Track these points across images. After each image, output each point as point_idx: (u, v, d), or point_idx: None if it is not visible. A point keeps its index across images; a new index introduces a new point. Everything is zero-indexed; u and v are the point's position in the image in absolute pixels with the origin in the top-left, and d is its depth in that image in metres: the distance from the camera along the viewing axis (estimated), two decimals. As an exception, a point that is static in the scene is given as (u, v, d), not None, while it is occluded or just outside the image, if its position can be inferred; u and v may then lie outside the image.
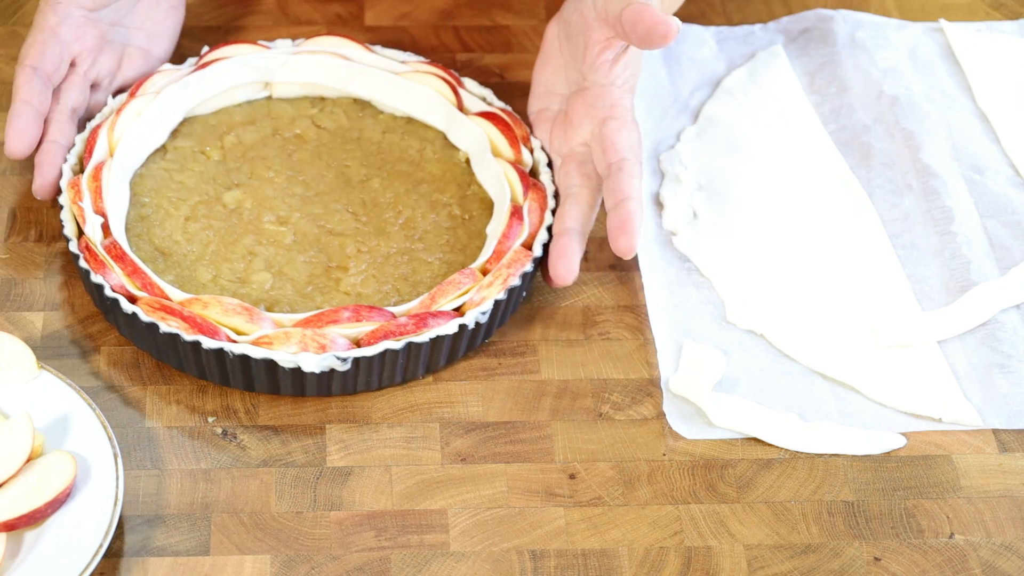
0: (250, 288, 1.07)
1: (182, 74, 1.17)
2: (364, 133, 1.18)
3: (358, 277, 1.08)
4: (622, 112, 1.12)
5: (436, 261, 1.10)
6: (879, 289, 1.14)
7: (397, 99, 1.19)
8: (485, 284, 1.06)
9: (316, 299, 1.07)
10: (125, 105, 1.14)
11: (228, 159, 1.15)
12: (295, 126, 1.18)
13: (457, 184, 1.16)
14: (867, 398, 1.08)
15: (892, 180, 1.22)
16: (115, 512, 0.95)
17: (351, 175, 1.15)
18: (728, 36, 1.33)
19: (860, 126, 1.25)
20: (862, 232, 1.18)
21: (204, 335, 1.01)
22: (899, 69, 1.30)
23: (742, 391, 1.08)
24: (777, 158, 1.23)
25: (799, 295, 1.13)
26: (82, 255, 1.06)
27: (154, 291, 1.04)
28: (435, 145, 1.18)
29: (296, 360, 1.01)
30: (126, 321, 1.05)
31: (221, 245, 1.10)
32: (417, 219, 1.13)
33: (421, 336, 1.03)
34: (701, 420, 1.06)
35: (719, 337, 1.11)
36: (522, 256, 1.08)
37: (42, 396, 1.01)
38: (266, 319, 1.03)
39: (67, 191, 1.09)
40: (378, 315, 1.03)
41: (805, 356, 1.10)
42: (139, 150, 1.13)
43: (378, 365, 1.03)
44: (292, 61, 1.19)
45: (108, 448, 0.98)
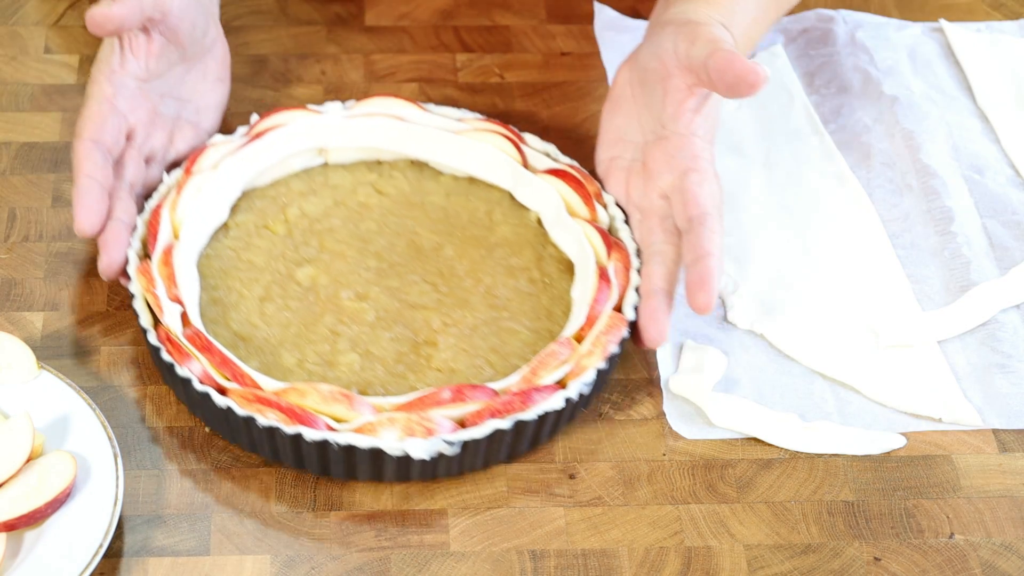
0: (339, 371, 1.03)
1: (236, 146, 1.13)
2: (428, 197, 1.15)
3: (448, 352, 1.04)
4: (703, 164, 1.09)
5: (524, 330, 1.06)
6: (879, 289, 1.14)
7: (460, 159, 1.15)
8: (585, 353, 1.02)
9: (409, 378, 1.03)
10: (185, 182, 1.09)
11: (294, 233, 1.11)
12: (357, 194, 1.14)
13: (532, 246, 1.12)
14: (867, 398, 1.08)
15: (892, 180, 1.22)
16: (115, 512, 0.95)
17: (422, 243, 1.11)
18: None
19: (860, 126, 1.26)
20: (862, 232, 1.18)
21: (304, 426, 0.97)
22: (899, 69, 1.30)
23: (742, 391, 1.08)
24: (777, 158, 1.23)
25: (799, 295, 1.13)
26: (163, 347, 1.01)
27: (245, 382, 0.99)
28: (503, 206, 1.15)
29: (403, 447, 0.97)
30: (216, 415, 1.00)
31: (301, 326, 1.06)
32: (497, 286, 1.09)
33: (528, 413, 0.99)
34: (701, 420, 1.06)
35: (719, 337, 1.11)
36: (617, 321, 1.04)
37: (42, 396, 1.01)
38: (366, 405, 0.98)
39: (137, 278, 1.04)
40: (481, 394, 0.99)
41: (805, 356, 1.10)
42: (203, 229, 1.09)
43: (485, 445, 0.99)
44: (349, 126, 1.15)
45: (108, 448, 0.98)
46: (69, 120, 1.23)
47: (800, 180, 1.22)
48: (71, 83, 1.27)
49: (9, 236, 1.15)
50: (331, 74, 1.29)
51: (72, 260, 1.13)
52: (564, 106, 1.28)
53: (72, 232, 1.15)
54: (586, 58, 1.32)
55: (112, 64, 1.11)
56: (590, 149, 1.24)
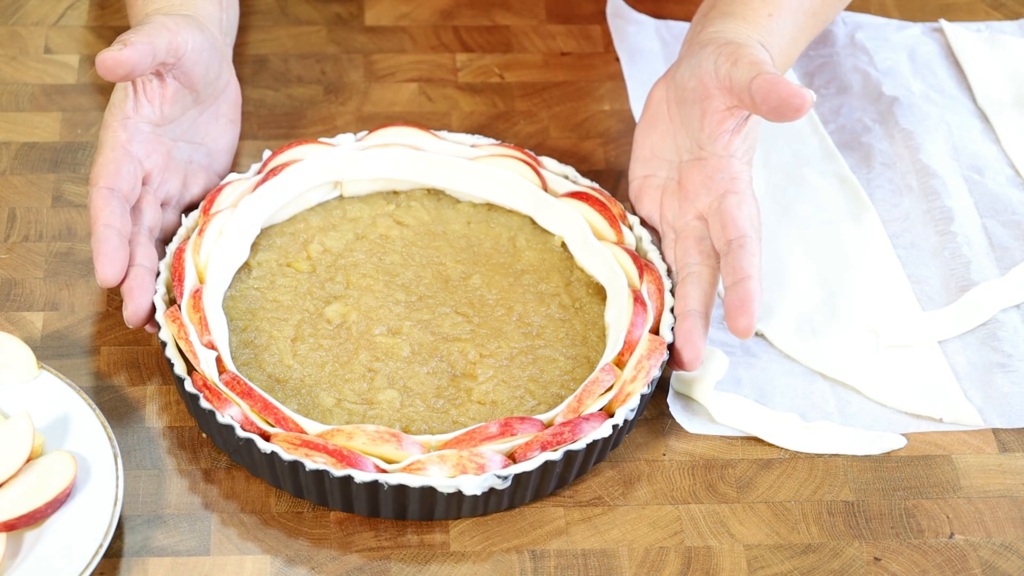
0: (380, 409, 1.02)
1: (252, 183, 1.11)
2: (449, 226, 1.13)
3: (488, 384, 1.03)
4: (742, 186, 1.08)
5: (561, 357, 1.05)
6: (879, 289, 1.14)
7: (479, 186, 1.14)
8: (628, 379, 1.01)
9: (451, 413, 1.02)
10: (206, 224, 1.07)
11: (318, 269, 1.09)
12: (377, 227, 1.13)
13: (559, 271, 1.11)
14: (868, 398, 1.08)
15: (892, 180, 1.22)
16: (115, 512, 0.95)
17: (449, 273, 1.10)
18: None
19: (860, 126, 1.26)
20: (862, 232, 1.18)
21: (353, 468, 0.96)
22: (899, 70, 1.30)
23: (744, 391, 1.08)
24: (776, 159, 1.23)
25: (799, 295, 1.13)
26: (202, 395, 0.99)
27: (289, 426, 0.98)
28: (525, 232, 1.13)
29: (456, 484, 0.96)
30: (262, 460, 0.98)
31: (336, 365, 1.04)
32: (529, 314, 1.08)
33: (578, 444, 0.98)
34: (704, 416, 1.06)
35: (719, 337, 1.11)
36: (658, 345, 1.02)
37: (42, 396, 1.01)
38: (414, 443, 0.97)
39: (168, 325, 1.02)
40: (529, 426, 0.98)
41: (806, 356, 1.10)
42: (227, 270, 1.07)
43: (537, 478, 0.98)
44: (364, 157, 1.13)
45: (108, 448, 0.98)
46: (69, 120, 1.23)
47: (800, 180, 1.22)
48: (71, 83, 1.27)
49: (9, 236, 1.15)
50: (331, 74, 1.29)
51: (72, 260, 1.13)
52: (564, 106, 1.28)
53: (72, 232, 1.15)
54: (586, 58, 1.32)
55: (126, 109, 1.10)
56: (591, 148, 1.24)
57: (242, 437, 0.97)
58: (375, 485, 0.96)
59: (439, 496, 0.97)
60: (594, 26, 1.35)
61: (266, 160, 1.14)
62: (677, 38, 1.32)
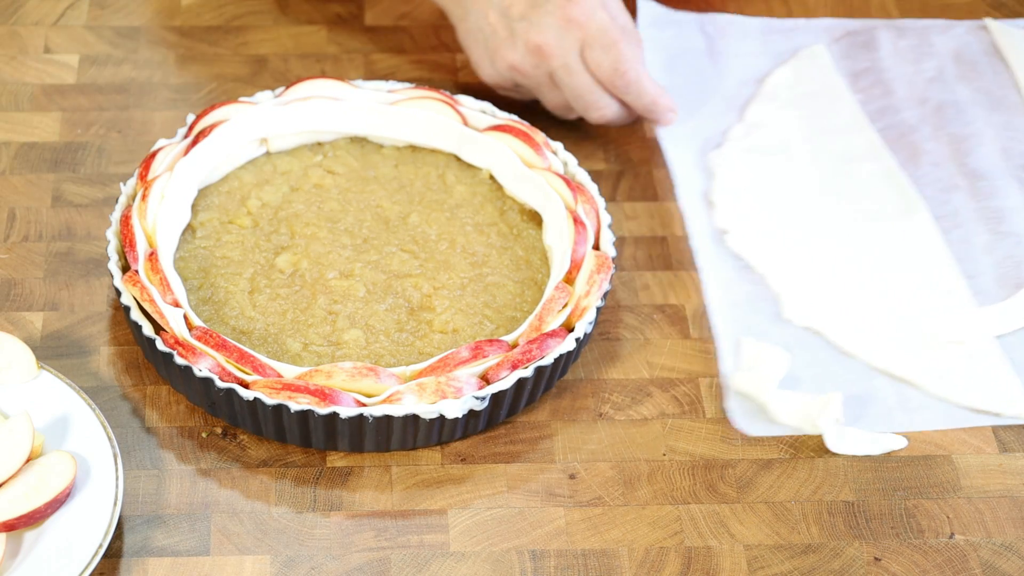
0: (346, 348, 1.04)
1: (182, 147, 1.12)
2: (378, 170, 1.16)
3: (447, 314, 1.07)
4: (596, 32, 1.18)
5: (509, 282, 1.09)
6: (934, 285, 1.14)
7: (403, 129, 1.17)
8: (582, 294, 1.05)
9: (416, 344, 1.05)
10: (148, 189, 1.09)
11: (261, 223, 1.12)
12: (309, 177, 1.15)
13: (491, 202, 1.15)
14: (928, 394, 1.08)
15: (940, 179, 1.22)
16: (115, 512, 0.95)
17: (387, 215, 1.13)
18: (772, 29, 1.33)
19: (906, 126, 1.26)
20: (913, 228, 1.18)
21: (337, 405, 0.99)
22: (944, 75, 1.30)
23: (803, 388, 1.08)
24: (825, 157, 1.23)
25: (854, 291, 1.14)
26: (176, 352, 1.01)
27: (267, 372, 1.00)
28: (452, 168, 1.17)
29: (438, 409, 0.99)
30: (243, 408, 1.00)
31: (297, 312, 1.06)
32: (471, 244, 1.12)
33: (546, 359, 1.02)
34: (764, 417, 1.06)
35: (776, 334, 1.11)
36: (604, 259, 1.07)
37: (42, 396, 1.01)
38: (391, 375, 1.00)
39: (129, 290, 1.04)
40: (498, 347, 1.02)
41: (864, 352, 1.10)
42: (173, 233, 1.09)
43: (511, 396, 1.02)
44: (288, 112, 1.16)
45: (108, 448, 0.98)
46: (69, 120, 1.23)
47: (849, 177, 1.22)
48: (71, 83, 1.27)
49: (9, 236, 1.15)
50: (331, 74, 1.29)
51: (72, 260, 1.13)
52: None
53: (72, 232, 1.15)
54: (586, 58, 1.32)
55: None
56: (592, 147, 1.24)
57: (222, 387, 1.00)
58: (360, 419, 0.99)
59: (421, 423, 1.00)
60: (594, 26, 1.35)
61: (191, 124, 1.16)
62: (723, 32, 1.33)
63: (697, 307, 1.14)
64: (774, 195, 1.20)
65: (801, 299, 1.13)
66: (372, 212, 1.14)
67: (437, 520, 1.00)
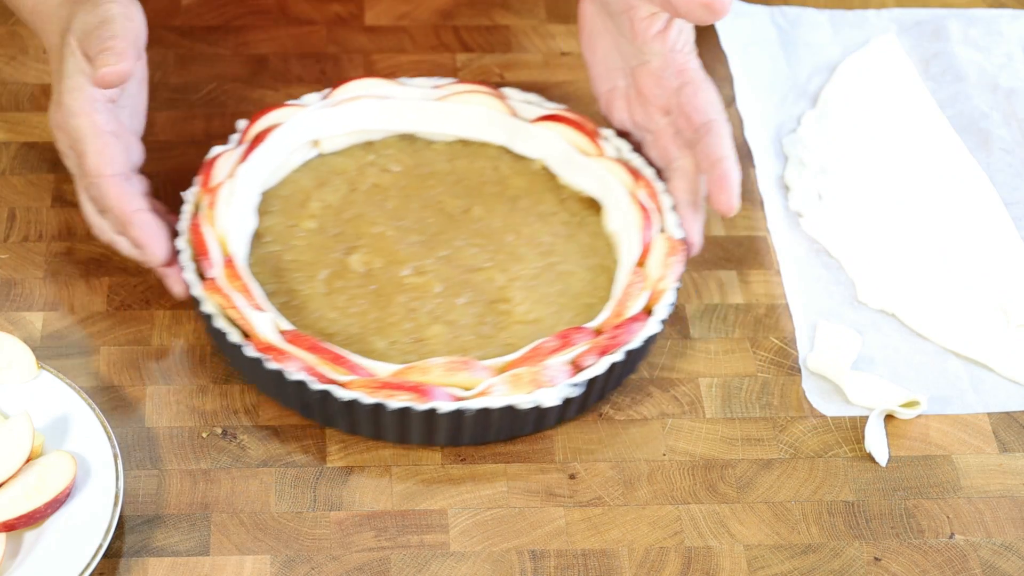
0: (431, 344, 1.05)
1: (239, 153, 1.12)
2: (433, 166, 1.17)
3: (525, 305, 1.08)
4: (692, 75, 1.12)
5: (579, 269, 1.11)
6: (1006, 269, 1.15)
7: (453, 124, 1.17)
8: (658, 278, 1.07)
9: (499, 336, 1.06)
10: (215, 196, 1.09)
11: (326, 226, 1.12)
12: (366, 176, 1.15)
13: (549, 191, 1.15)
14: (1001, 376, 1.10)
15: (1012, 165, 1.23)
16: (115, 512, 0.95)
17: (450, 209, 1.14)
18: (842, 21, 1.34)
19: (977, 112, 1.27)
20: (985, 213, 1.19)
21: (435, 400, 1.00)
22: (1014, 62, 1.31)
23: (878, 370, 1.09)
24: (897, 141, 1.25)
25: (928, 275, 1.15)
26: (267, 356, 1.01)
27: (360, 372, 1.01)
28: (505, 160, 1.17)
29: (534, 399, 1.00)
30: (339, 409, 1.01)
31: (378, 311, 1.07)
32: (537, 234, 1.12)
33: (634, 342, 1.03)
34: (839, 398, 1.08)
35: (851, 317, 1.13)
36: (674, 244, 1.08)
37: (42, 396, 1.01)
38: (484, 368, 1.01)
39: (210, 299, 1.04)
40: (585, 335, 1.03)
41: (938, 335, 1.12)
42: (243, 239, 1.09)
43: (602, 382, 1.04)
44: (340, 112, 1.16)
45: (108, 448, 0.98)
46: (69, 120, 1.23)
47: (920, 162, 1.23)
48: (71, 83, 1.26)
49: (9, 236, 1.15)
50: (331, 74, 1.29)
51: (72, 260, 1.13)
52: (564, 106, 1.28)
53: (72, 232, 1.15)
54: (586, 58, 1.32)
55: (87, 92, 1.07)
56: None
57: (318, 389, 1.00)
58: (458, 414, 1.00)
59: (519, 414, 1.01)
60: (594, 26, 1.35)
61: (244, 129, 1.15)
62: (794, 23, 1.34)
63: (697, 307, 1.14)
64: (847, 179, 1.21)
65: (875, 282, 1.14)
66: (434, 208, 1.14)
67: (437, 520, 1.00)
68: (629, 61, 1.16)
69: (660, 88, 1.13)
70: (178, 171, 1.20)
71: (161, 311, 1.11)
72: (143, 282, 1.12)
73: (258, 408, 1.06)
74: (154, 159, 1.20)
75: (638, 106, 1.16)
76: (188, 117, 1.24)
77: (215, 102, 1.25)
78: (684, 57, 1.13)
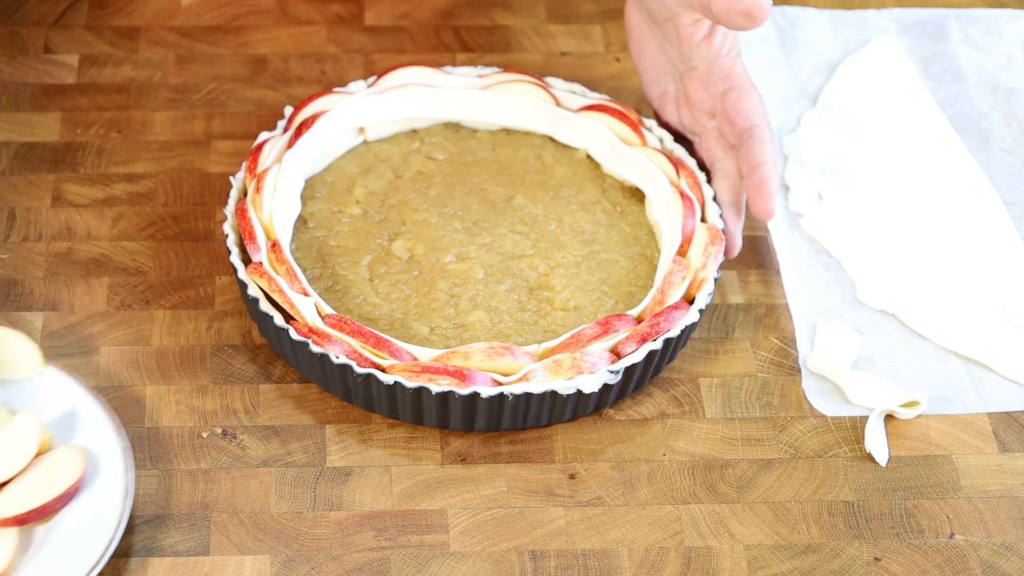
0: (473, 331, 1.06)
1: (285, 139, 1.14)
2: (477, 154, 1.18)
3: (566, 292, 1.09)
4: (738, 80, 1.14)
5: (621, 258, 1.12)
6: (1006, 269, 1.15)
7: (497, 113, 1.19)
8: (699, 266, 1.08)
9: (541, 323, 1.07)
10: (261, 181, 1.10)
11: (370, 212, 1.13)
12: (410, 164, 1.17)
13: (591, 180, 1.17)
14: (1001, 376, 1.10)
15: (1012, 165, 1.24)
16: (126, 505, 0.95)
17: (493, 197, 1.15)
18: (842, 21, 1.35)
19: (977, 112, 1.27)
20: (985, 213, 1.19)
21: (477, 385, 1.01)
22: (1014, 62, 1.32)
23: (877, 370, 1.09)
24: (897, 141, 1.25)
25: (928, 275, 1.15)
26: (311, 340, 1.02)
27: (403, 356, 1.02)
28: (548, 149, 1.19)
29: (575, 384, 1.01)
30: (382, 393, 1.02)
31: (420, 296, 1.08)
32: (579, 223, 1.13)
33: (673, 331, 1.04)
34: (839, 397, 1.08)
35: (851, 317, 1.13)
36: (715, 233, 1.09)
37: (48, 391, 1.01)
38: (525, 354, 1.02)
39: (255, 282, 1.04)
40: (625, 322, 1.04)
41: (938, 335, 1.12)
42: (288, 223, 1.10)
43: (641, 369, 1.04)
44: (386, 100, 1.17)
45: (116, 442, 0.98)
46: (69, 120, 1.23)
47: (920, 162, 1.23)
48: (71, 83, 1.27)
49: (9, 236, 1.15)
50: (331, 74, 1.29)
51: (72, 260, 1.13)
52: (564, 106, 1.28)
53: (72, 232, 1.15)
54: (586, 58, 1.32)
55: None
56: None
57: (360, 373, 1.01)
58: (500, 398, 1.01)
59: (559, 399, 1.02)
60: (594, 26, 1.35)
61: (291, 116, 1.16)
62: (794, 23, 1.34)
63: (697, 307, 1.14)
64: (847, 179, 1.22)
65: (875, 282, 1.15)
66: (477, 195, 1.15)
67: (437, 520, 1.00)
68: (677, 66, 1.17)
69: (706, 92, 1.15)
70: (178, 171, 1.20)
71: (161, 311, 1.11)
72: (143, 282, 1.12)
73: (258, 408, 1.06)
74: (154, 159, 1.21)
75: (686, 109, 1.17)
76: (188, 117, 1.24)
77: (215, 102, 1.25)
78: (730, 62, 1.14)
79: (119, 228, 1.16)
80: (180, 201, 1.18)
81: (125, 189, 1.18)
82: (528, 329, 1.07)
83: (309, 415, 1.05)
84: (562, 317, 1.08)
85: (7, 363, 1.02)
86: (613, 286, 1.10)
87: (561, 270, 1.10)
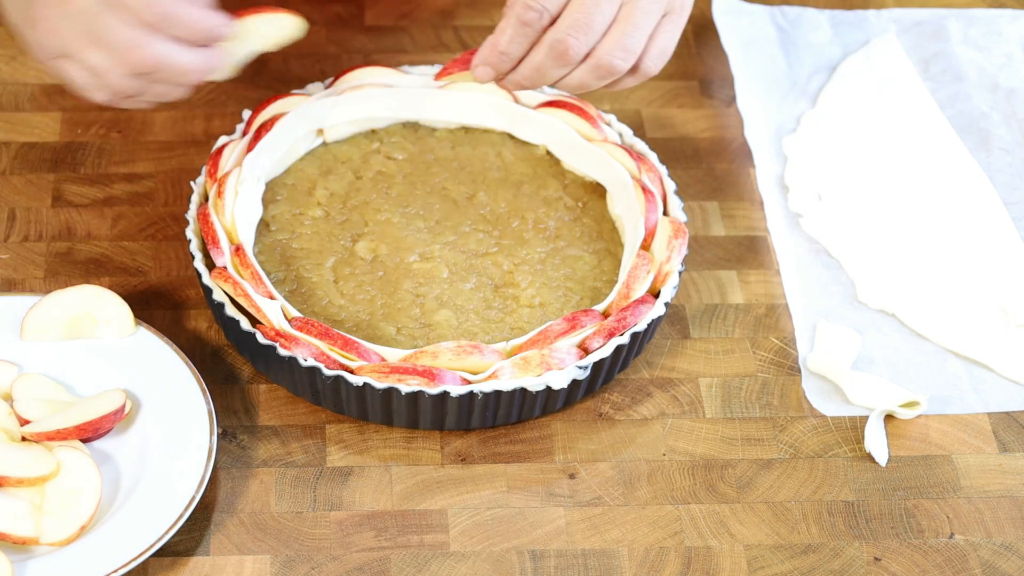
0: (439, 330, 1.06)
1: (245, 142, 1.13)
2: (437, 153, 1.18)
3: (531, 289, 1.09)
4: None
5: (585, 254, 1.12)
6: (1006, 269, 1.16)
7: (456, 112, 1.18)
8: (664, 260, 1.08)
9: (507, 320, 1.07)
10: (222, 185, 1.09)
11: (332, 213, 1.13)
12: (371, 164, 1.16)
13: (552, 176, 1.17)
14: (1001, 376, 1.10)
15: (1012, 165, 1.24)
16: (209, 464, 0.98)
17: (455, 196, 1.15)
18: (842, 21, 1.35)
19: (977, 112, 1.27)
20: (985, 213, 1.19)
21: (446, 384, 1.00)
22: (1014, 62, 1.32)
23: (877, 370, 1.10)
24: (897, 141, 1.25)
25: (927, 275, 1.15)
26: (278, 343, 1.01)
27: (371, 358, 1.02)
28: (508, 146, 1.18)
29: (544, 381, 1.01)
30: (351, 394, 1.02)
31: (385, 297, 1.08)
32: (542, 219, 1.13)
33: (640, 325, 1.04)
34: (839, 397, 1.08)
35: (851, 317, 1.13)
36: (678, 227, 1.09)
37: (139, 352, 1.03)
38: (493, 352, 1.02)
39: (219, 286, 1.04)
40: (592, 317, 1.04)
41: (938, 335, 1.12)
42: (250, 227, 1.10)
43: (609, 363, 1.04)
44: (344, 101, 1.17)
45: (203, 403, 1.00)
46: (69, 120, 1.23)
47: (920, 162, 1.23)
48: (71, 83, 1.27)
49: (9, 236, 1.15)
50: (331, 74, 1.29)
51: (72, 260, 1.13)
52: (564, 106, 1.28)
53: (72, 232, 1.15)
54: (586, 58, 1.32)
55: None
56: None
57: (329, 375, 1.00)
58: (469, 397, 1.01)
59: (528, 396, 1.02)
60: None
61: (249, 119, 1.16)
62: (794, 23, 1.34)
63: (697, 307, 1.14)
64: (847, 179, 1.22)
65: (875, 282, 1.15)
66: (439, 194, 1.15)
67: (437, 520, 1.00)
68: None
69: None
70: (178, 171, 1.20)
71: (161, 311, 1.11)
72: (143, 282, 1.12)
73: (258, 408, 1.06)
74: (154, 159, 1.21)
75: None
76: (188, 117, 1.24)
77: (215, 102, 1.25)
78: None
79: (119, 228, 1.16)
80: (180, 201, 1.18)
81: (125, 189, 1.18)
82: (494, 327, 1.07)
83: (309, 415, 1.05)
84: (528, 314, 1.07)
85: (102, 322, 1.04)
86: (578, 282, 1.10)
87: (526, 267, 1.10)
